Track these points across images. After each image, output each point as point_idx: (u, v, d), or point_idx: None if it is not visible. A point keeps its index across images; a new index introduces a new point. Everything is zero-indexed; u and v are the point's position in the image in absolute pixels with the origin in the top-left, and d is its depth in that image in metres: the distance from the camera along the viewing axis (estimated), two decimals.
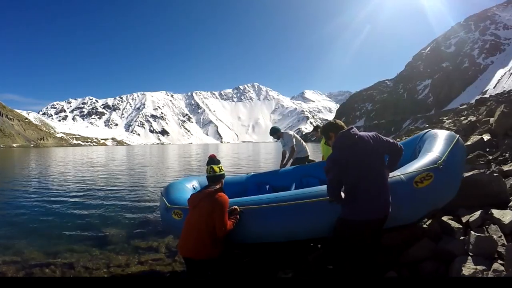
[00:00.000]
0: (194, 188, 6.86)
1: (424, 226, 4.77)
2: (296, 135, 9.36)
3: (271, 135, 9.14)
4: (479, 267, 3.28)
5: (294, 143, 8.93)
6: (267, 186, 7.40)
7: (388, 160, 4.02)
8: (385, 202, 3.73)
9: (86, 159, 49.80)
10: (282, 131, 9.15)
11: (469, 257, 3.47)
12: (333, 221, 3.95)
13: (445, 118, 21.60)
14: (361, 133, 3.85)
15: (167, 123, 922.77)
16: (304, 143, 9.28)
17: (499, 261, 3.34)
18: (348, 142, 3.77)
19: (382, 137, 3.93)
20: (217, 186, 4.28)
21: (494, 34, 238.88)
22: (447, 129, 13.22)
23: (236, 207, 4.46)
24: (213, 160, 4.43)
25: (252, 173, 8.67)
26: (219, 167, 4.36)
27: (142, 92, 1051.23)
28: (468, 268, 3.28)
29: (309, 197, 4.40)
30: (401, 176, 4.32)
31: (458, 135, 5.31)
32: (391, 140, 3.97)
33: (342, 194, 3.81)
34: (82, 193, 15.80)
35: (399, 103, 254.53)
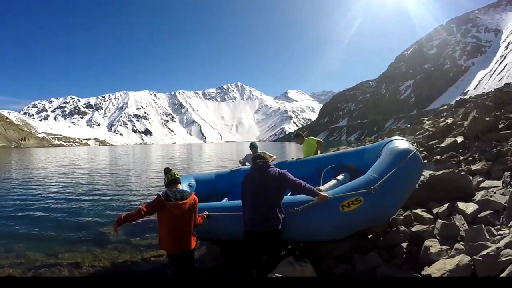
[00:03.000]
0: (190, 186, 7.50)
1: (401, 217, 5.45)
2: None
3: (250, 148, 9.43)
4: (444, 247, 4.01)
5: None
6: None
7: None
8: (264, 221, 4.54)
9: (70, 160, 49.28)
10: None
11: (436, 240, 4.20)
12: None
13: (426, 118, 22.08)
14: (270, 169, 4.78)
15: (150, 123, 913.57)
16: None
17: (461, 242, 4.05)
18: (255, 171, 4.84)
19: (289, 177, 4.69)
20: (180, 187, 5.05)
21: (476, 37, 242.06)
22: (427, 130, 13.84)
23: (206, 212, 5.43)
24: (170, 169, 5.21)
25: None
26: (176, 173, 5.14)
27: (125, 92, 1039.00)
28: (435, 248, 3.99)
29: None
30: (332, 197, 4.64)
31: (415, 150, 5.36)
32: (292, 179, 4.69)
33: None
34: (72, 195, 15.91)
35: (381, 103, 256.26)
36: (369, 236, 5.36)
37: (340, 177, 6.03)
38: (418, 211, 5.39)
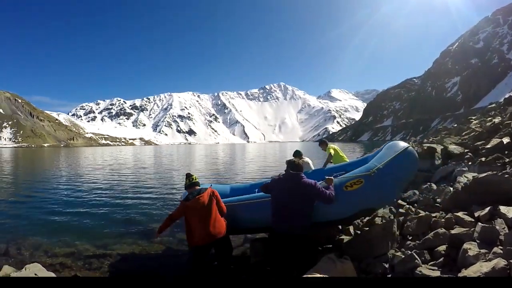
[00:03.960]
0: None
1: (442, 220, 5.47)
2: (311, 165, 9.62)
3: (293, 156, 9.81)
4: (482, 250, 4.03)
5: None
6: None
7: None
8: (289, 224, 5.07)
9: (117, 159, 50.87)
10: (303, 157, 9.66)
11: (475, 243, 4.23)
12: None
13: (473, 117, 21.37)
14: (302, 181, 5.17)
15: (194, 123, 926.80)
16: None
17: (499, 246, 4.07)
18: (286, 180, 5.27)
19: (318, 188, 5.14)
20: (200, 187, 5.87)
21: None
22: (473, 130, 13.57)
23: None
24: (191, 174, 6.14)
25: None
26: (196, 177, 6.09)
27: (169, 93, 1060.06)
28: (473, 251, 4.04)
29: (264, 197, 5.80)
30: (336, 180, 5.56)
31: (408, 146, 6.05)
32: (322, 191, 5.14)
33: None
34: (120, 191, 16.64)
35: (427, 102, 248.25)
36: (410, 238, 5.45)
37: None
38: (460, 214, 5.38)
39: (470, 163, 9.44)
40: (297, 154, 9.36)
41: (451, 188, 6.80)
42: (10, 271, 5.72)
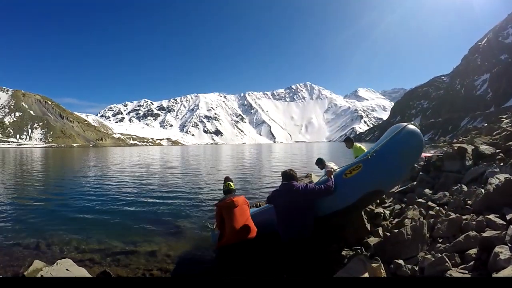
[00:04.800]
0: None
1: (473, 222, 5.42)
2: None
3: (316, 164, 9.83)
4: None
5: None
6: None
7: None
8: (295, 230, 5.21)
9: (145, 158, 51.70)
10: (327, 163, 9.65)
11: (507, 246, 4.16)
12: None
13: (504, 116, 20.83)
14: (295, 189, 5.37)
15: (220, 124, 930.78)
16: None
17: None
18: (283, 191, 5.50)
19: (310, 188, 5.39)
20: (237, 194, 6.17)
21: None
22: (504, 129, 13.29)
23: None
24: (229, 179, 6.39)
25: None
26: (233, 183, 6.31)
27: (196, 94, 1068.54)
28: (504, 254, 3.98)
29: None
30: (338, 170, 5.93)
31: (406, 125, 5.99)
32: (314, 188, 5.43)
33: None
34: (147, 191, 16.91)
35: (456, 100, 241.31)
36: (440, 240, 5.41)
37: None
38: (491, 216, 5.30)
39: (502, 164, 9.21)
40: (319, 162, 9.41)
41: (482, 190, 6.68)
42: (41, 265, 5.90)
